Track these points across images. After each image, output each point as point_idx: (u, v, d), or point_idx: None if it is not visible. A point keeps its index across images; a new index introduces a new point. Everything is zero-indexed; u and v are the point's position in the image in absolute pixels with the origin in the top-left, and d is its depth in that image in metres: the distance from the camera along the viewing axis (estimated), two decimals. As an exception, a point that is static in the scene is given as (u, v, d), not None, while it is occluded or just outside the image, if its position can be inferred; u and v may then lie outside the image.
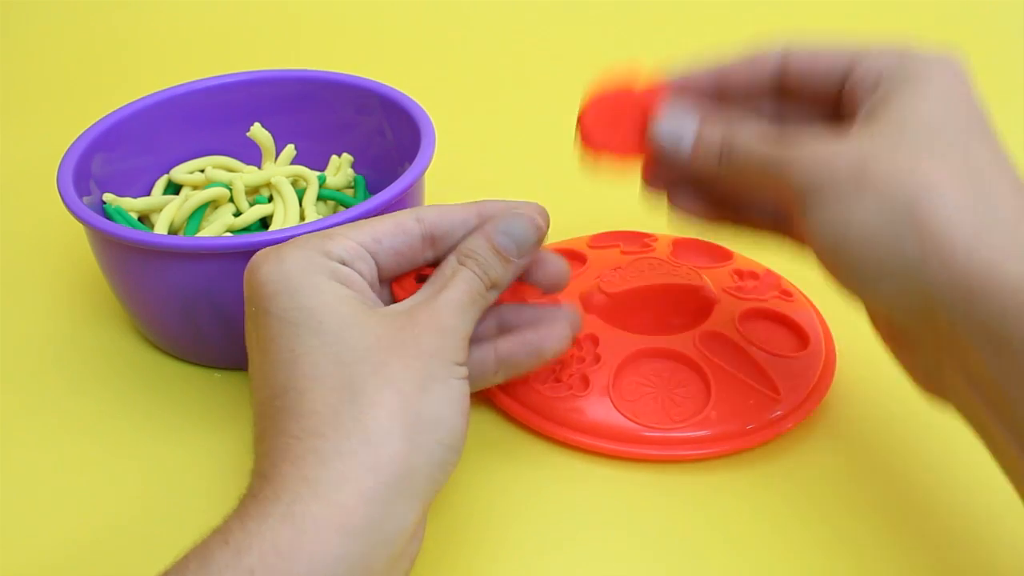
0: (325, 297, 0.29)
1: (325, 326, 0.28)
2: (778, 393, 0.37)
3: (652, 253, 0.44)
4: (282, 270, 0.30)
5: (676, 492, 0.35)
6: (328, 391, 0.27)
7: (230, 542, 0.25)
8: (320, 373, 0.28)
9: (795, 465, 0.36)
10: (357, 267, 0.31)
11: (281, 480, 0.26)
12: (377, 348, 0.28)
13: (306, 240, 0.31)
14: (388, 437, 0.27)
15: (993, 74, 0.67)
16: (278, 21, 0.76)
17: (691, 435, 0.36)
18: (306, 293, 0.29)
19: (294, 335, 0.29)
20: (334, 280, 0.30)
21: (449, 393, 0.29)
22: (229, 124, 0.47)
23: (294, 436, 0.27)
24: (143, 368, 0.42)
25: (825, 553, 0.33)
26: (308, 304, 0.29)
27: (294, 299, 0.29)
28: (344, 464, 0.26)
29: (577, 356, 0.39)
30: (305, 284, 0.29)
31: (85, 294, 0.46)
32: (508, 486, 0.36)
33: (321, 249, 0.30)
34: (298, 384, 0.28)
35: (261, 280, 0.30)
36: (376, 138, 0.47)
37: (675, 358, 0.39)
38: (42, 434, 0.39)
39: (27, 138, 0.61)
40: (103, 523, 0.35)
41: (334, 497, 0.26)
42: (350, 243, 0.31)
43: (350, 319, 0.29)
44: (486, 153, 0.58)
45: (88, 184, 0.42)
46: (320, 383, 0.28)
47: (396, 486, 0.26)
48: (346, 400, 0.27)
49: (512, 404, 0.38)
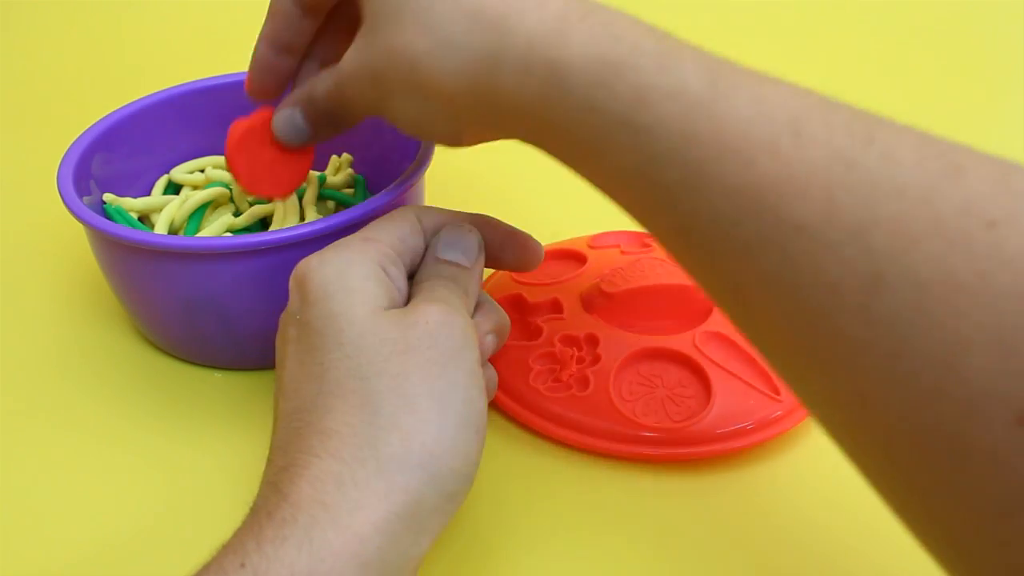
0: (353, 302, 0.29)
1: (345, 335, 0.28)
2: (778, 393, 0.37)
3: (652, 253, 0.44)
4: (323, 275, 0.30)
5: (676, 492, 0.35)
6: (350, 410, 0.27)
7: (247, 565, 0.24)
8: (343, 389, 0.28)
9: (795, 465, 0.36)
10: (391, 271, 0.31)
11: (299, 501, 0.26)
12: (393, 355, 0.28)
13: (348, 243, 0.31)
14: (398, 465, 0.26)
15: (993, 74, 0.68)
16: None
17: (691, 435, 0.36)
18: (338, 299, 0.29)
19: (323, 346, 0.29)
20: (370, 282, 0.30)
21: (467, 411, 0.28)
22: (229, 124, 0.47)
23: (315, 455, 0.27)
24: (143, 368, 0.42)
25: (825, 553, 0.33)
26: (335, 310, 0.29)
27: (328, 305, 0.29)
28: (360, 492, 0.26)
29: (577, 356, 0.39)
30: (340, 289, 0.29)
31: (85, 294, 0.46)
32: (508, 486, 0.36)
33: (363, 252, 0.31)
34: (325, 401, 0.28)
35: (307, 287, 0.30)
36: (376, 138, 0.47)
37: (675, 358, 0.39)
38: (42, 434, 0.39)
39: (27, 138, 0.61)
40: (102, 523, 0.35)
41: (350, 525, 0.25)
42: (384, 247, 0.31)
43: (368, 325, 0.29)
44: (486, 153, 0.57)
45: (88, 184, 0.42)
46: (344, 401, 0.27)
47: (406, 517, 0.26)
48: (366, 422, 0.27)
49: (512, 404, 0.38)
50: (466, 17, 0.28)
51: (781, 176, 0.23)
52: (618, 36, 0.27)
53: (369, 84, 0.32)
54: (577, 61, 0.27)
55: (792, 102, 0.24)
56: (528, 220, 0.51)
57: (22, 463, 0.38)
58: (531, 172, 0.55)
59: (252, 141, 0.39)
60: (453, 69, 0.29)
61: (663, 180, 0.25)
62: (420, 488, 0.26)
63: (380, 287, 0.30)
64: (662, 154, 0.25)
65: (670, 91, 0.25)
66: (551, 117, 0.28)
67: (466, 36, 0.28)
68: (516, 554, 0.34)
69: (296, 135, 0.37)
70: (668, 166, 0.25)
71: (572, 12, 0.28)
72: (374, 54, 0.31)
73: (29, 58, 0.72)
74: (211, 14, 0.77)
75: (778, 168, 0.23)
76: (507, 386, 0.38)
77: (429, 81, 0.29)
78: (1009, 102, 0.64)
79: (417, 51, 0.29)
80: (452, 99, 0.30)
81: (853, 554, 0.33)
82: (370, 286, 0.30)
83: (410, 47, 0.29)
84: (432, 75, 0.29)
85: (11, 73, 0.70)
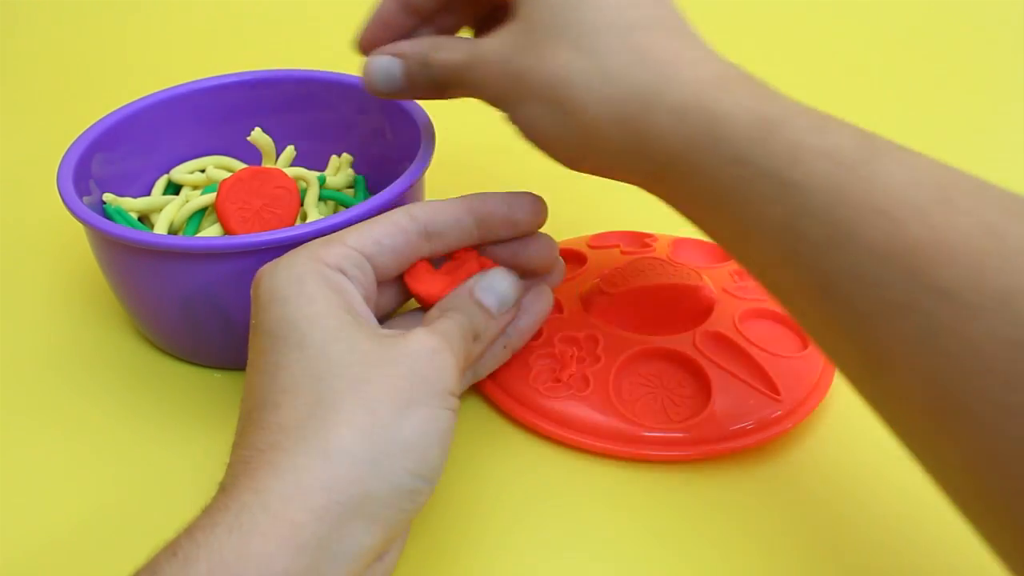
0: (315, 308, 0.29)
1: (309, 339, 0.28)
2: (778, 393, 0.37)
3: (652, 253, 0.44)
4: (277, 280, 0.30)
5: (676, 492, 0.35)
6: (300, 405, 0.27)
7: (178, 553, 0.24)
8: (296, 387, 0.28)
9: (795, 465, 0.36)
10: (353, 274, 0.31)
11: (234, 490, 0.26)
12: (360, 364, 0.28)
13: (304, 248, 0.31)
14: (348, 457, 0.26)
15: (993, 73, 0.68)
16: (278, 21, 0.76)
17: (691, 435, 0.36)
18: (295, 304, 0.29)
19: (278, 348, 0.28)
20: (328, 288, 0.30)
21: (429, 422, 0.28)
22: (229, 124, 0.47)
23: (257, 448, 0.27)
24: (143, 368, 0.42)
25: (825, 553, 0.33)
26: (295, 316, 0.29)
27: (284, 310, 0.29)
28: (298, 478, 0.26)
29: (577, 356, 0.39)
30: (296, 294, 0.29)
31: (85, 294, 0.46)
32: (507, 485, 0.36)
33: (317, 257, 0.30)
34: (275, 398, 0.28)
35: (259, 292, 0.30)
36: (376, 138, 0.47)
37: (675, 358, 0.39)
38: (41, 434, 0.39)
39: (27, 138, 0.61)
40: (102, 523, 0.35)
41: (282, 510, 0.25)
42: (346, 249, 0.31)
43: (336, 332, 0.28)
44: (486, 153, 0.58)
45: (88, 184, 0.42)
46: (294, 396, 0.27)
47: (352, 507, 0.26)
48: (316, 415, 0.27)
49: (512, 403, 0.38)
50: (631, 53, 0.29)
51: (930, 241, 0.24)
52: (773, 98, 0.28)
53: (507, 80, 0.32)
54: (735, 113, 0.28)
55: (942, 173, 0.25)
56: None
57: (21, 463, 0.38)
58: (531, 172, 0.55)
59: (241, 190, 0.41)
60: (605, 98, 0.30)
61: (808, 236, 0.26)
62: (370, 481, 0.26)
63: (333, 291, 0.30)
64: (810, 210, 0.26)
65: (824, 151, 0.26)
66: (697, 163, 0.28)
67: (626, 70, 0.29)
68: (515, 553, 0.34)
69: (387, 84, 0.36)
70: (815, 222, 0.26)
71: (731, 72, 0.29)
72: (525, 56, 0.31)
73: (29, 58, 0.72)
74: (211, 14, 0.77)
75: (927, 233, 0.24)
76: (507, 386, 0.38)
77: (575, 102, 0.30)
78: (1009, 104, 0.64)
79: (572, 70, 0.30)
80: (592, 125, 0.30)
81: (853, 554, 0.33)
82: (324, 290, 0.29)
83: (567, 65, 0.30)
84: (581, 98, 0.30)
85: (11, 73, 0.70)
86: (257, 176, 0.42)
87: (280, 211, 0.42)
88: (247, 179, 0.42)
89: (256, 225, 0.42)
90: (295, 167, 0.46)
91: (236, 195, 0.41)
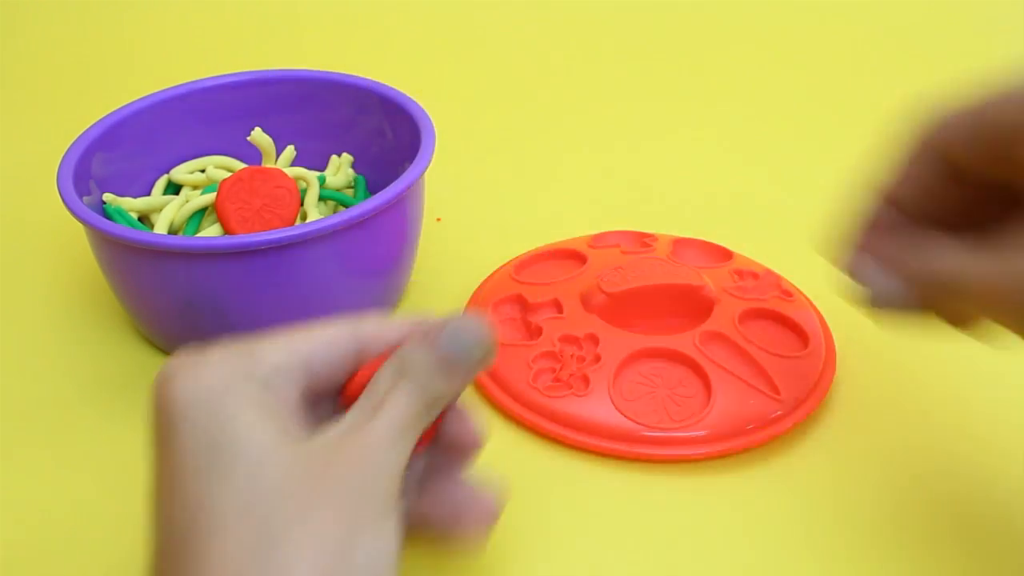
0: (242, 426, 0.25)
1: (239, 464, 0.24)
2: (778, 393, 0.37)
3: (652, 253, 0.44)
4: (198, 388, 0.25)
5: (676, 492, 0.35)
6: (234, 551, 0.23)
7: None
8: (226, 527, 0.24)
9: (795, 465, 0.36)
10: (284, 387, 0.27)
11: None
12: (298, 492, 0.24)
13: (228, 354, 0.27)
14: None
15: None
16: (278, 21, 0.76)
17: (691, 435, 0.36)
18: (220, 420, 0.25)
19: (200, 477, 0.24)
20: (256, 404, 0.25)
21: (379, 544, 0.25)
22: (229, 124, 0.47)
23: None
24: (143, 368, 0.42)
25: (825, 553, 0.33)
26: (220, 438, 0.25)
27: (208, 427, 0.25)
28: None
29: (577, 356, 0.39)
30: (221, 409, 0.25)
31: (85, 294, 0.46)
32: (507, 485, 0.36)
33: (245, 366, 0.26)
34: (200, 544, 0.24)
35: (173, 396, 0.26)
36: (376, 138, 0.47)
37: (675, 358, 0.39)
38: (41, 434, 0.39)
39: (27, 138, 0.61)
40: (102, 523, 0.35)
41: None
42: (278, 358, 0.27)
43: (268, 455, 0.25)
44: (486, 153, 0.58)
45: (88, 184, 0.42)
46: (224, 541, 0.23)
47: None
48: (257, 561, 0.23)
49: (511, 403, 0.38)
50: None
51: None
52: None
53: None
54: None
55: None
56: (528, 220, 0.51)
57: (21, 463, 0.38)
58: (531, 172, 0.56)
59: (241, 190, 0.41)
60: None
61: None
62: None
63: (265, 410, 0.26)
64: None
65: None
66: None
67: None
68: (515, 554, 0.34)
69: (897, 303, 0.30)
70: None
71: None
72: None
73: (29, 58, 0.72)
74: (211, 14, 0.77)
75: None
76: (507, 386, 0.38)
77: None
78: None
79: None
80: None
81: (853, 554, 0.33)
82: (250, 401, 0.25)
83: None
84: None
85: (11, 73, 0.70)
86: (257, 176, 0.42)
87: (280, 211, 0.42)
88: (247, 179, 0.42)
89: (256, 225, 0.42)
90: (295, 167, 0.46)
91: (236, 195, 0.42)
